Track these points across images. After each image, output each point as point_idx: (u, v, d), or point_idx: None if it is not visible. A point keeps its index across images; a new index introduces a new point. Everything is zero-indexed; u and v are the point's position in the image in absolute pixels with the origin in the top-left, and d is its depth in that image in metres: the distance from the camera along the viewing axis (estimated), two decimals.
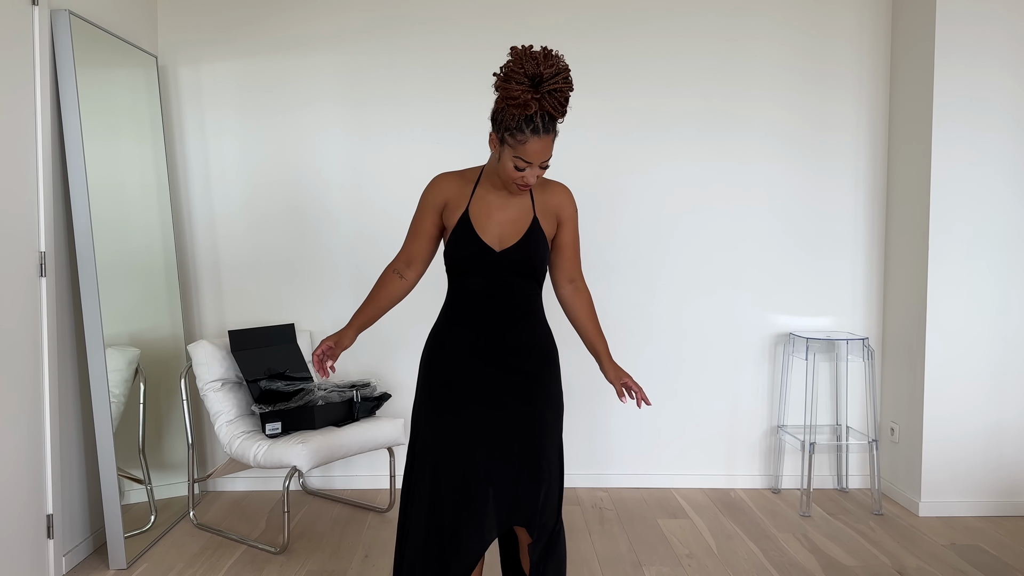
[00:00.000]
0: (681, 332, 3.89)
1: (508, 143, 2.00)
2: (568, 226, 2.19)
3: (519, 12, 3.76)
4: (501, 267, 2.10)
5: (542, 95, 1.93)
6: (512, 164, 2.01)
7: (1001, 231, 3.49)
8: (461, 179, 2.18)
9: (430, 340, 2.22)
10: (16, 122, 2.64)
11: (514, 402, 2.10)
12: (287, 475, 3.07)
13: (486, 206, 2.12)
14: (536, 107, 1.93)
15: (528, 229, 2.11)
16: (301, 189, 3.80)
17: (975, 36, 3.42)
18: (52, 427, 2.78)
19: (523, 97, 1.92)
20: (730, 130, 3.81)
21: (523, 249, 2.10)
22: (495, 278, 2.11)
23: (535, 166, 2.01)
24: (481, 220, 2.11)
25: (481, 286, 2.12)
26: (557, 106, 1.95)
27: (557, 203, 2.17)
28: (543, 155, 2.00)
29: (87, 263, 2.89)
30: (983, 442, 3.53)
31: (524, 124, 1.95)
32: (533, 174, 2.03)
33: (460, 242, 2.11)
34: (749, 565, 3.01)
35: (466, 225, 2.10)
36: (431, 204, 2.18)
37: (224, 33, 3.75)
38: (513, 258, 2.09)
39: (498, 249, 2.10)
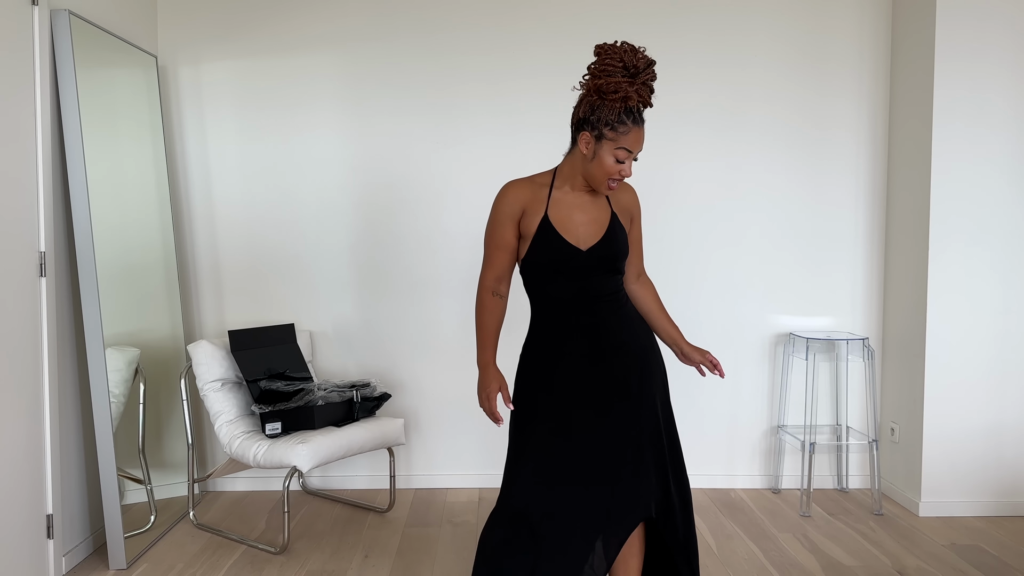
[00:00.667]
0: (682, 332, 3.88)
1: (607, 137, 2.03)
2: (637, 224, 2.27)
3: (518, 12, 3.76)
4: (588, 265, 2.11)
5: (638, 86, 2.00)
6: (613, 158, 2.04)
7: (1001, 231, 3.49)
8: (533, 185, 2.17)
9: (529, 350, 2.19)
10: (16, 122, 2.64)
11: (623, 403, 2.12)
12: (287, 475, 3.07)
13: (566, 208, 2.13)
14: (636, 98, 2.00)
15: (609, 226, 2.14)
16: (301, 189, 3.80)
17: (975, 36, 3.42)
18: (52, 427, 2.78)
19: (625, 89, 1.98)
20: (729, 129, 3.81)
21: (608, 245, 2.12)
22: (583, 277, 2.11)
23: (632, 156, 2.06)
24: (563, 222, 2.11)
25: (573, 288, 2.12)
26: (649, 96, 2.04)
27: (628, 201, 2.23)
28: (641, 144, 2.06)
29: (87, 263, 2.89)
30: (983, 442, 3.53)
31: (625, 115, 2.00)
32: (631, 166, 2.07)
33: (545, 246, 2.10)
34: (749, 565, 3.01)
35: (548, 229, 2.10)
36: (508, 215, 2.14)
37: (224, 33, 3.75)
38: (600, 255, 2.11)
39: (584, 249, 2.11)
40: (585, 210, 2.13)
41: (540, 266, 2.12)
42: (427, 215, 3.81)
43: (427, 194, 3.81)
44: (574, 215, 2.12)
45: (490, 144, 3.78)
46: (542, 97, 3.75)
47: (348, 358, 3.86)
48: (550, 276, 2.12)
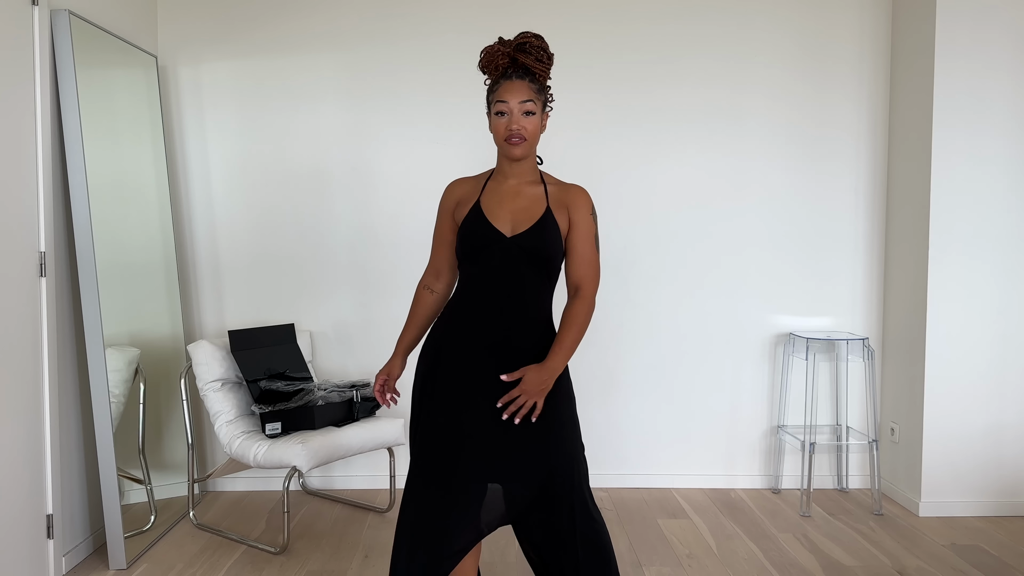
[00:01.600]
0: (681, 332, 3.89)
1: (491, 103, 2.10)
2: (580, 227, 2.13)
3: (518, 10, 3.76)
4: (512, 254, 2.08)
5: (512, 50, 2.08)
6: (495, 116, 2.09)
7: (1001, 231, 3.49)
8: (472, 180, 2.24)
9: (431, 335, 2.22)
10: (16, 122, 2.64)
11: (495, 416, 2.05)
12: (287, 475, 3.07)
13: (498, 196, 2.14)
14: (507, 60, 2.08)
15: (541, 217, 2.10)
16: (301, 189, 3.80)
17: (975, 36, 3.42)
18: (52, 427, 2.78)
19: (496, 56, 2.08)
20: (729, 129, 3.81)
21: (535, 236, 2.08)
22: (506, 267, 2.08)
23: (514, 108, 2.06)
24: (493, 208, 2.12)
25: (491, 276, 2.09)
26: (532, 61, 2.07)
27: (569, 199, 2.15)
28: (518, 94, 2.05)
29: (87, 263, 2.89)
30: (983, 442, 3.53)
31: (500, 78, 2.09)
32: (516, 120, 2.06)
33: (470, 228, 2.11)
34: (749, 565, 3.01)
35: (477, 212, 2.12)
36: (445, 208, 2.22)
37: (224, 33, 3.75)
38: (524, 244, 2.08)
39: (509, 235, 2.09)
40: (517, 200, 2.13)
41: (465, 248, 2.12)
42: (427, 215, 3.78)
43: (427, 194, 3.79)
44: (505, 203, 2.13)
45: (490, 144, 3.77)
46: None
47: (348, 358, 3.86)
48: (474, 259, 2.11)
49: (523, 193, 2.14)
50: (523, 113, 2.07)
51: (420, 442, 2.13)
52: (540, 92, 2.10)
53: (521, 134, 2.07)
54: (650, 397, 3.89)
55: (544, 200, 2.14)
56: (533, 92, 2.07)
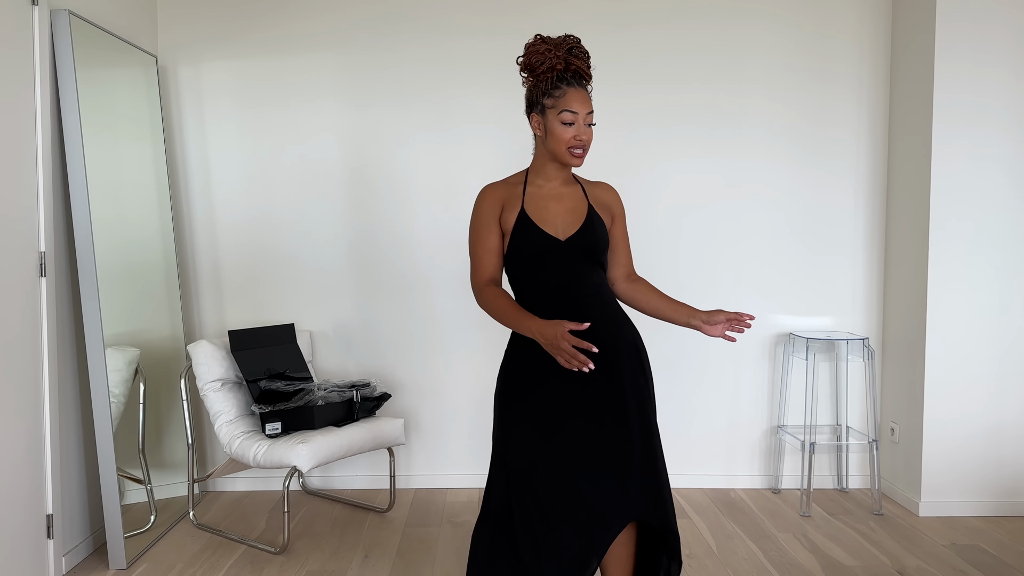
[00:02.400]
0: (681, 332, 3.88)
1: (549, 107, 2.08)
2: (620, 221, 2.25)
3: (517, 9, 3.76)
4: (569, 256, 2.10)
5: (563, 53, 2.08)
6: (560, 123, 2.07)
7: (1001, 231, 3.49)
8: (507, 184, 2.19)
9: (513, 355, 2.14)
10: (16, 122, 2.64)
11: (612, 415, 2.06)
12: (287, 475, 3.07)
13: (541, 200, 2.15)
14: (564, 64, 2.08)
15: (587, 216, 2.14)
16: (301, 189, 3.80)
17: (975, 36, 3.42)
18: (52, 427, 2.78)
19: (551, 57, 2.07)
20: (729, 128, 3.81)
21: (587, 234, 2.12)
22: (565, 269, 2.10)
23: (581, 119, 2.07)
24: (540, 214, 2.12)
25: (554, 281, 2.10)
26: (583, 66, 2.09)
27: (608, 199, 2.23)
28: (585, 105, 2.07)
29: (87, 263, 2.89)
30: (983, 442, 3.53)
31: (559, 81, 2.07)
32: (583, 130, 2.07)
33: (523, 239, 2.09)
34: (749, 565, 3.01)
35: (526, 221, 2.10)
36: (490, 216, 2.14)
37: (224, 33, 3.75)
38: (579, 244, 2.11)
39: (563, 239, 2.11)
40: (561, 201, 2.15)
41: (521, 259, 2.11)
42: (427, 215, 3.81)
43: (427, 194, 3.81)
44: (550, 206, 2.13)
45: (490, 144, 3.78)
46: None
47: (348, 358, 3.86)
48: (531, 269, 2.11)
49: (564, 195, 2.17)
50: (587, 124, 2.09)
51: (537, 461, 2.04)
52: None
53: (586, 145, 2.10)
54: None
55: (584, 199, 2.18)
56: (590, 102, 2.10)
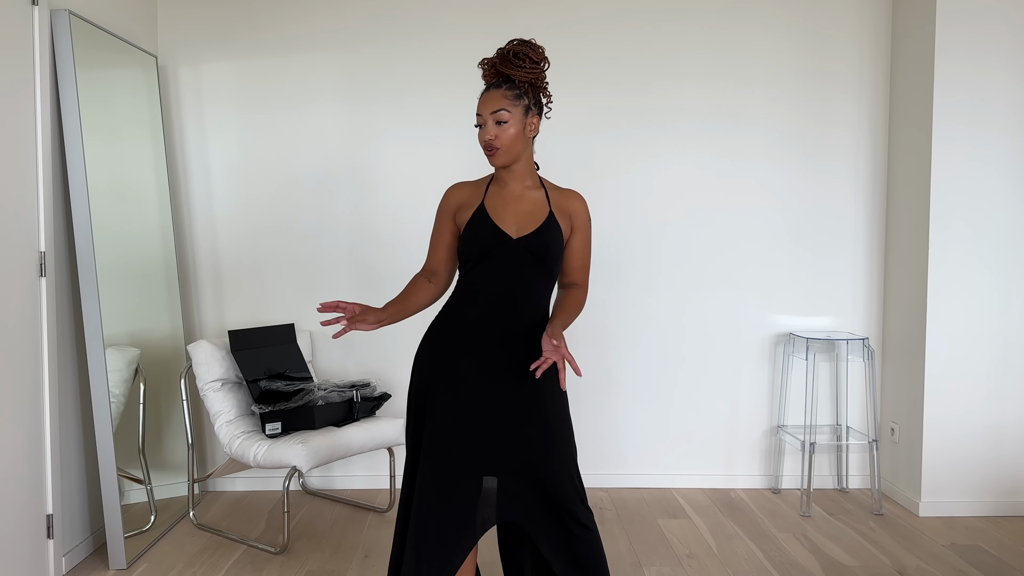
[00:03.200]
0: (681, 332, 3.89)
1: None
2: (580, 232, 2.21)
3: (518, 13, 3.76)
4: (517, 255, 2.10)
5: (496, 58, 2.13)
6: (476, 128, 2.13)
7: (1001, 231, 3.49)
8: (473, 184, 2.24)
9: (432, 330, 2.20)
10: (16, 122, 2.64)
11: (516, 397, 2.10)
12: (287, 475, 3.07)
13: (501, 199, 2.16)
14: (492, 71, 2.13)
15: (545, 220, 2.14)
16: (301, 189, 3.80)
17: (975, 36, 3.42)
18: (52, 427, 2.78)
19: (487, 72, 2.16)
20: (730, 129, 3.81)
21: (540, 238, 2.11)
22: (511, 268, 2.11)
23: (487, 120, 2.09)
24: (497, 211, 2.14)
25: (496, 276, 2.11)
26: (510, 68, 2.10)
27: (571, 207, 2.20)
28: (489, 105, 2.09)
29: (87, 263, 2.89)
30: (983, 442, 3.53)
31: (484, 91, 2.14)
32: (489, 131, 2.09)
33: (475, 229, 2.12)
34: (749, 565, 3.01)
35: (482, 214, 2.13)
36: (445, 211, 2.21)
37: (224, 33, 3.75)
38: (530, 247, 2.10)
39: (515, 236, 2.11)
40: (520, 204, 2.16)
41: (471, 251, 2.13)
42: (427, 215, 3.78)
43: (427, 194, 3.79)
44: (509, 207, 2.15)
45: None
46: None
47: (348, 358, 3.86)
48: (478, 261, 2.12)
49: (526, 197, 2.17)
50: (496, 123, 2.09)
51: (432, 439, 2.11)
52: (519, 97, 2.10)
53: (493, 144, 2.10)
54: (650, 397, 3.89)
55: (547, 204, 2.17)
56: (508, 100, 2.09)
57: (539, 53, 2.12)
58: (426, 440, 2.11)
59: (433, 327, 2.21)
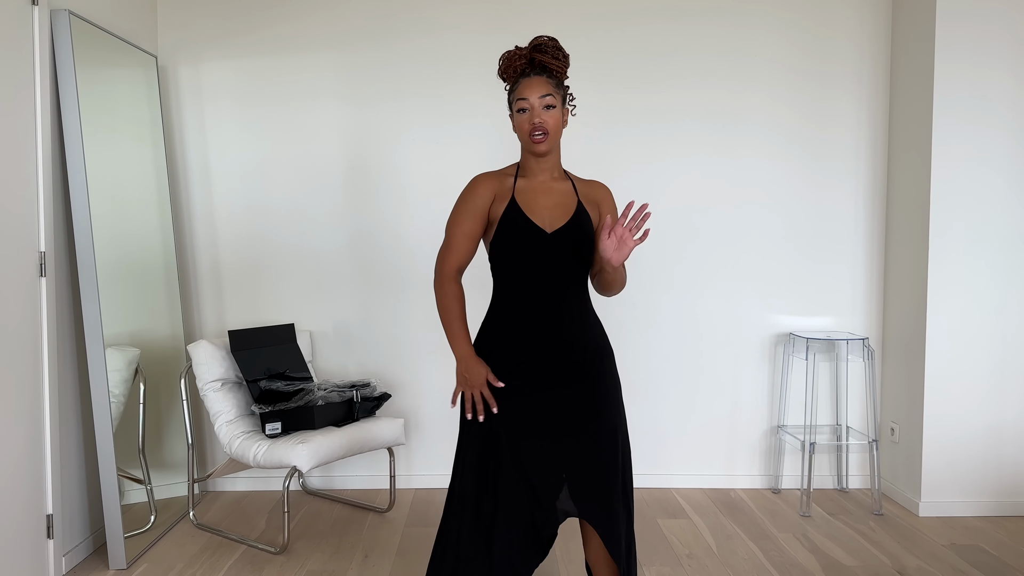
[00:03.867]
0: (681, 332, 3.89)
1: (511, 102, 2.15)
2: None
3: (517, 10, 3.76)
4: (554, 248, 2.12)
5: (529, 50, 2.14)
6: (517, 113, 2.12)
7: (1001, 231, 3.49)
8: (500, 175, 2.22)
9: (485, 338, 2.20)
10: (16, 122, 2.64)
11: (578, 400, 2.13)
12: (287, 475, 3.07)
13: (531, 192, 2.17)
14: (525, 62, 2.14)
15: (575, 211, 2.16)
16: (301, 189, 3.80)
17: (975, 36, 3.42)
18: (52, 427, 2.78)
19: (517, 58, 2.14)
20: (729, 129, 3.81)
21: (574, 229, 2.14)
22: (549, 262, 2.13)
23: (534, 104, 2.10)
24: (529, 205, 2.15)
25: (537, 270, 2.13)
26: (546, 59, 2.13)
27: (598, 196, 2.25)
28: (537, 89, 2.10)
29: (87, 263, 2.89)
30: (983, 442, 3.53)
31: (520, 77, 2.14)
32: (538, 113, 2.10)
33: (511, 228, 2.12)
34: (749, 565, 3.01)
35: (516, 211, 2.13)
36: (479, 205, 2.16)
37: (224, 33, 3.75)
38: (566, 237, 2.13)
39: (549, 231, 2.13)
40: (550, 196, 2.17)
41: (507, 248, 2.14)
42: (427, 214, 3.80)
43: (427, 193, 3.80)
44: (539, 199, 2.16)
45: (490, 143, 3.77)
46: None
47: (348, 358, 3.86)
48: (517, 258, 2.14)
49: (554, 189, 2.19)
50: (544, 107, 2.10)
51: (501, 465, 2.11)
52: (559, 87, 2.14)
53: (544, 127, 2.10)
54: (650, 397, 3.89)
55: (575, 195, 2.20)
56: (552, 87, 2.11)
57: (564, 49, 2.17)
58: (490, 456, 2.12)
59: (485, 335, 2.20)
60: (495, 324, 2.18)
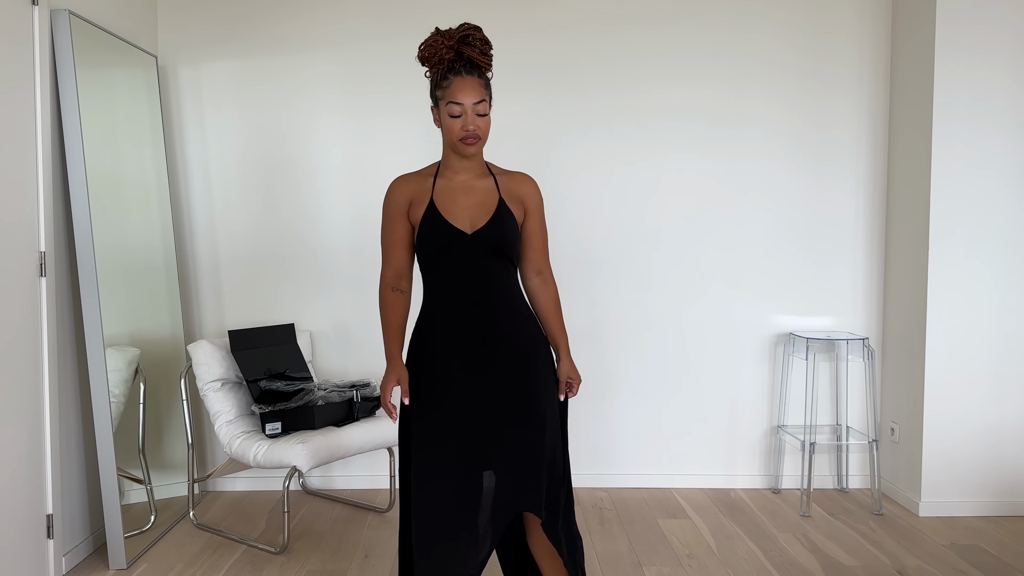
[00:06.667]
0: (681, 332, 3.89)
1: (440, 99, 2.10)
2: (534, 215, 2.23)
3: (518, 13, 3.76)
4: (475, 250, 2.12)
5: (456, 42, 2.09)
6: (448, 115, 2.09)
7: (1001, 231, 3.49)
8: (419, 176, 2.22)
9: (414, 338, 2.21)
10: (16, 122, 2.64)
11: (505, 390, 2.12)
12: (287, 475, 3.07)
13: (450, 194, 2.15)
14: (453, 54, 2.09)
15: (496, 209, 2.14)
16: (301, 188, 3.80)
17: (975, 36, 3.42)
18: (52, 427, 2.78)
19: (441, 48, 2.09)
20: (729, 129, 3.81)
21: (495, 228, 2.12)
22: (471, 263, 2.12)
23: (468, 109, 2.07)
24: (448, 207, 2.14)
25: (459, 273, 2.13)
26: (475, 54, 2.09)
27: (522, 191, 2.21)
28: (471, 94, 2.07)
29: (87, 263, 2.89)
30: (983, 442, 3.53)
31: (448, 72, 2.09)
32: (471, 120, 2.08)
33: (430, 231, 2.12)
34: (749, 565, 3.01)
35: (434, 214, 2.12)
36: (397, 209, 2.18)
37: (224, 33, 3.75)
38: (486, 239, 2.12)
39: (469, 232, 2.12)
40: (470, 195, 2.16)
41: (428, 251, 2.15)
42: None
43: None
44: (459, 199, 2.14)
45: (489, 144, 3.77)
46: (543, 97, 3.76)
47: (348, 358, 3.86)
48: (438, 260, 2.14)
49: (475, 187, 2.17)
50: (477, 114, 2.09)
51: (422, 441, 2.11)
52: (487, 87, 2.13)
53: (477, 134, 2.10)
54: (650, 397, 3.89)
55: (496, 192, 2.18)
56: (483, 89, 2.10)
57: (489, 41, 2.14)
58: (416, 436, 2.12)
59: (414, 336, 2.22)
60: (425, 322, 2.19)
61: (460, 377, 2.11)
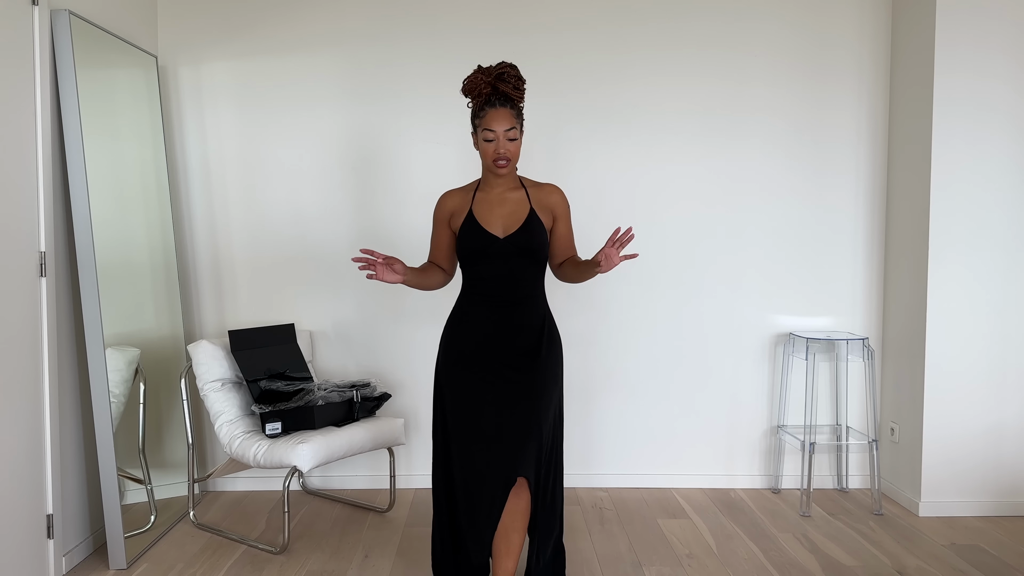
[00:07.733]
0: (681, 332, 3.89)
1: (477, 127, 2.50)
2: (563, 221, 2.62)
3: (517, 10, 3.76)
4: (506, 251, 2.50)
5: (493, 79, 2.46)
6: (483, 140, 2.48)
7: (1001, 231, 3.49)
8: (462, 191, 2.63)
9: (452, 315, 2.61)
10: (16, 122, 2.64)
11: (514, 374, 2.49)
12: (287, 475, 3.07)
13: (487, 204, 2.56)
14: (490, 89, 2.47)
15: (527, 218, 2.52)
16: (301, 189, 3.80)
17: (975, 36, 3.42)
18: (52, 427, 2.78)
19: (479, 85, 2.47)
20: (729, 129, 3.81)
21: (524, 234, 2.51)
22: (503, 264, 2.51)
23: (500, 136, 2.45)
24: (484, 216, 2.54)
25: (490, 270, 2.52)
26: (507, 88, 2.46)
27: (551, 201, 2.59)
28: (503, 123, 2.44)
29: (87, 263, 2.89)
30: (983, 442, 3.53)
31: (485, 104, 2.47)
32: (503, 145, 2.46)
33: (468, 235, 2.52)
34: (749, 565, 3.01)
35: (472, 221, 2.53)
36: (441, 219, 2.63)
37: (224, 33, 3.75)
38: (516, 242, 2.50)
39: (502, 236, 2.51)
40: (504, 206, 2.55)
41: (466, 252, 2.54)
42: (428, 214, 3.79)
43: (427, 193, 3.79)
44: (494, 209, 2.54)
45: None
46: (542, 98, 3.75)
47: (348, 358, 3.86)
48: (475, 260, 2.53)
49: (508, 199, 2.56)
50: (508, 139, 2.46)
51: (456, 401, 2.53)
52: (518, 117, 2.49)
53: (507, 157, 2.48)
54: (650, 397, 3.89)
55: (527, 202, 2.56)
56: (514, 119, 2.47)
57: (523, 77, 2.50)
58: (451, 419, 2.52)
59: (452, 314, 2.61)
60: (459, 310, 2.60)
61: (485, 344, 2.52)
